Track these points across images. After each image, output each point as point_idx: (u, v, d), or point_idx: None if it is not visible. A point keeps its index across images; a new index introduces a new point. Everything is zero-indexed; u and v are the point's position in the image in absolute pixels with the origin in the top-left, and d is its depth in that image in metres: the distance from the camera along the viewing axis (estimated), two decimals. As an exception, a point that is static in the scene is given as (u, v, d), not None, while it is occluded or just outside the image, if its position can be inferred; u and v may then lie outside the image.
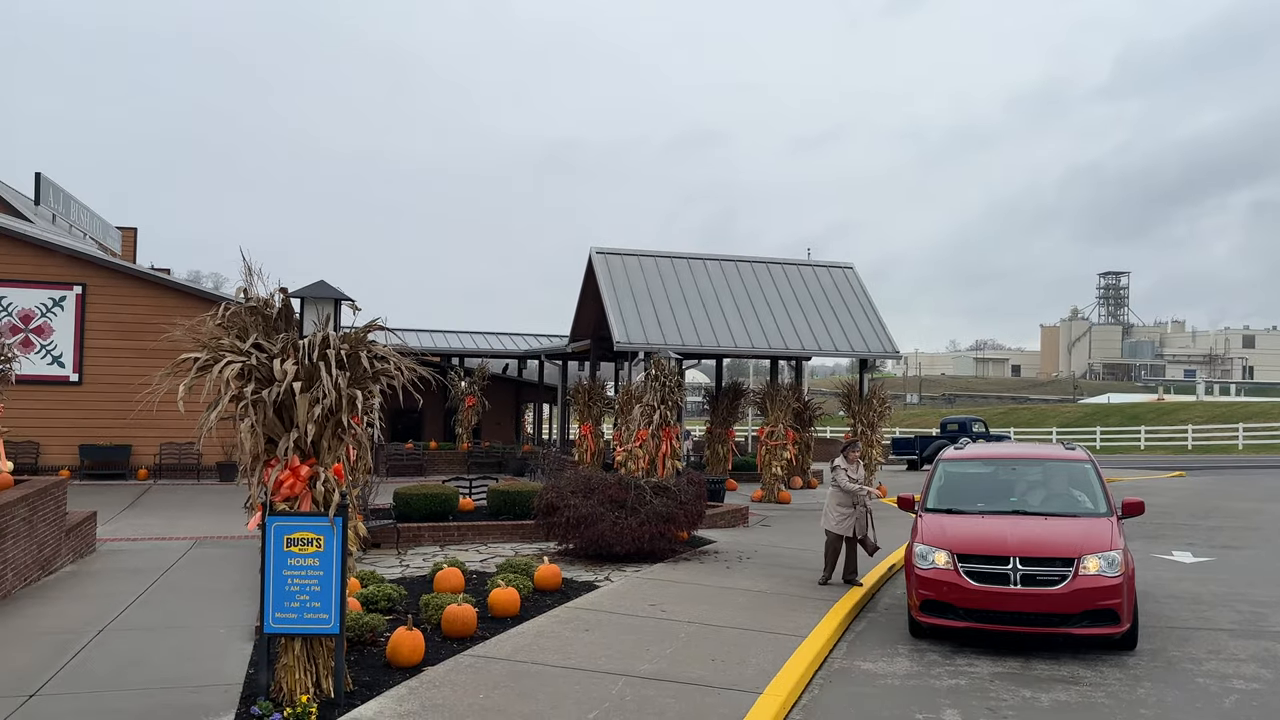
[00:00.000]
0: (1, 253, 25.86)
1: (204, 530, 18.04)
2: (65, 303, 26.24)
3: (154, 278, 28.16)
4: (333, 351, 7.34)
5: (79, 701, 7.50)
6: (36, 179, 35.90)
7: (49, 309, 26.13)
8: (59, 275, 26.22)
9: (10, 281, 25.81)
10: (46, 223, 33.90)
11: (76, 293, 26.32)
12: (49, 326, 26.08)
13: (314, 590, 7.32)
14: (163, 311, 26.74)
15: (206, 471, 26.77)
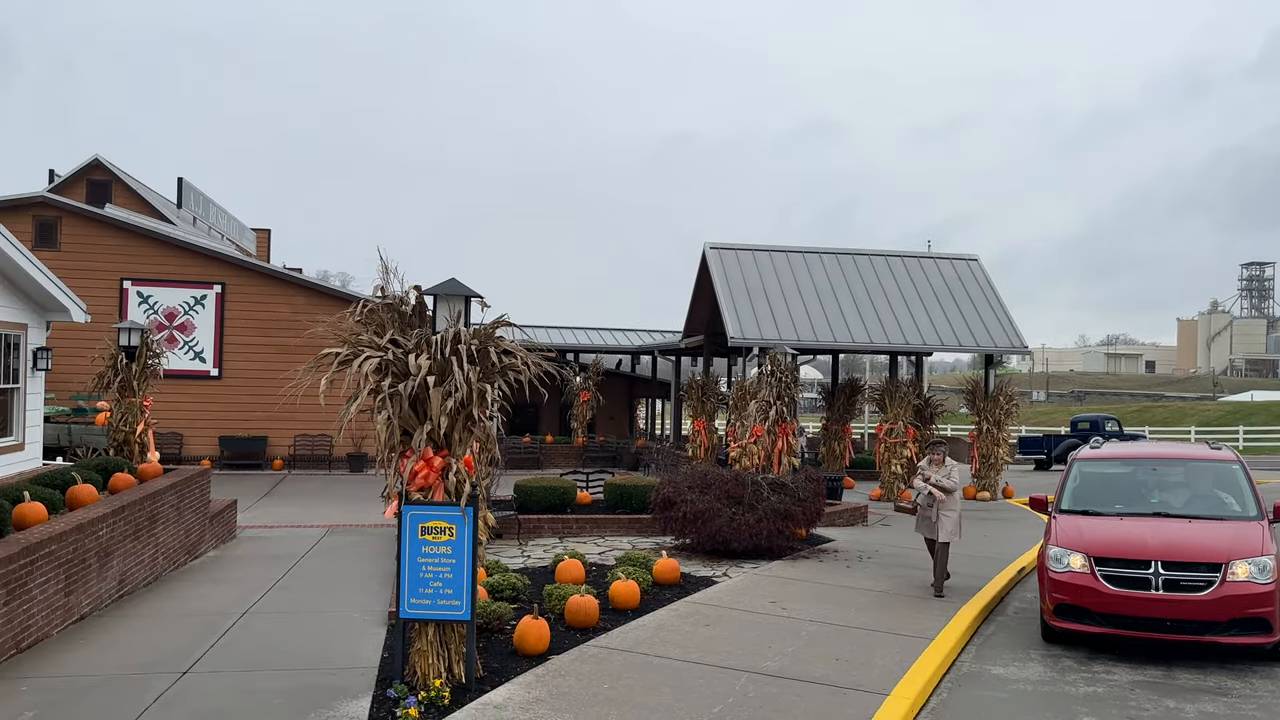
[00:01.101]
0: (148, 254, 27.52)
1: (335, 519, 18.81)
2: (206, 301, 27.73)
3: (288, 277, 29.48)
4: (464, 347, 7.55)
5: (228, 680, 7.93)
6: (179, 183, 38.03)
7: (191, 307, 27.65)
8: (200, 275, 27.73)
9: (156, 281, 27.44)
10: (188, 225, 35.85)
11: (216, 291, 27.78)
12: (191, 324, 27.60)
13: (446, 577, 7.54)
14: (296, 309, 28.01)
15: (337, 462, 27.90)
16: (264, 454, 27.68)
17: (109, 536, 10.70)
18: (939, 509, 11.99)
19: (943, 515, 11.95)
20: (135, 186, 36.73)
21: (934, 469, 12.22)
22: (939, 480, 12.12)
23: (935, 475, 12.13)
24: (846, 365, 40.65)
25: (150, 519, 12.17)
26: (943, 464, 12.28)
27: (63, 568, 9.45)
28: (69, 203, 28.07)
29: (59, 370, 16.75)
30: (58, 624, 9.33)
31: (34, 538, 9.06)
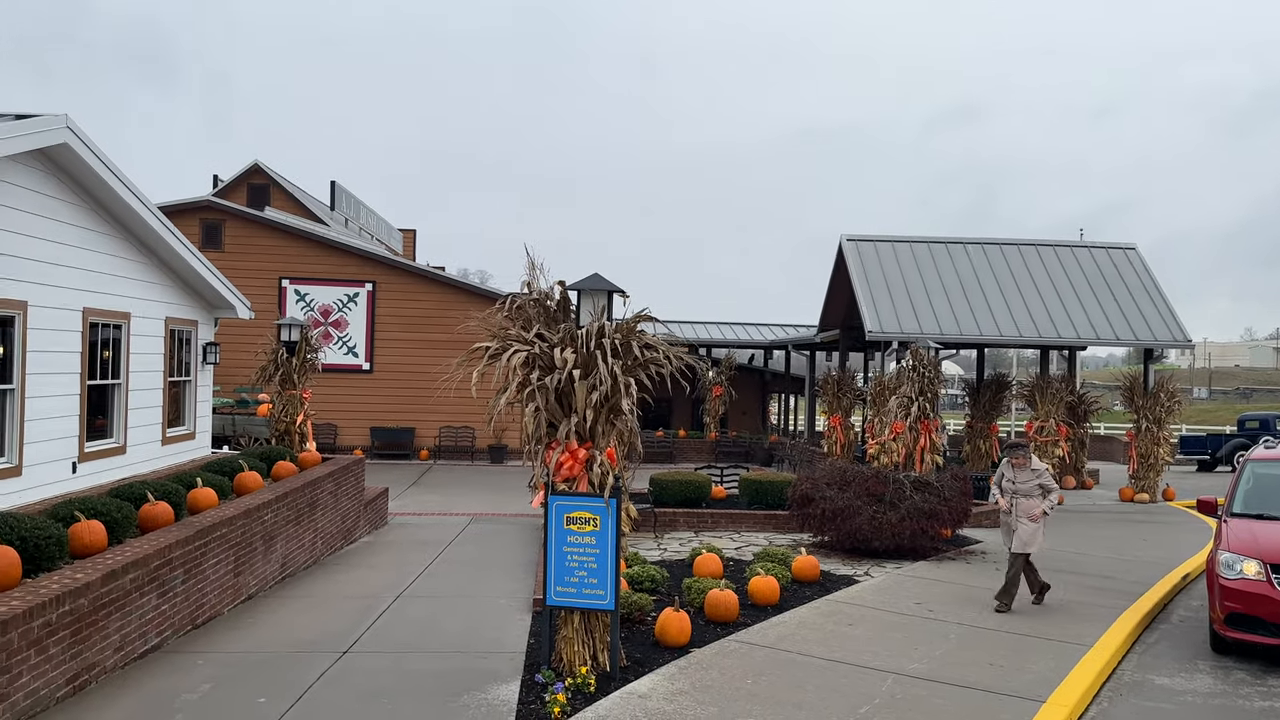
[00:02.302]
0: (305, 254, 29.01)
1: (478, 507, 19.40)
2: (358, 298, 29.02)
3: (432, 275, 30.55)
4: (608, 341, 7.64)
5: (385, 660, 8.28)
6: (332, 187, 39.93)
7: (344, 304, 29.00)
8: (353, 274, 29.04)
9: (312, 280, 28.89)
10: (340, 226, 37.59)
11: (368, 289, 29.04)
12: (345, 320, 28.95)
13: (591, 567, 7.66)
14: (441, 306, 29.02)
15: (479, 453, 28.77)
16: (411, 444, 28.78)
17: (273, 521, 11.34)
18: (1017, 513, 10.83)
19: (1020, 523, 10.79)
20: (291, 190, 38.78)
21: (1017, 472, 10.99)
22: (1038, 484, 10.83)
23: (1019, 480, 10.93)
24: (991, 360, 39.21)
25: (310, 505, 12.84)
26: (1026, 466, 10.98)
27: (232, 550, 10.08)
28: (232, 206, 29.88)
29: (222, 364, 17.84)
30: (228, 603, 9.95)
31: (207, 521, 9.69)
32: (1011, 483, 11.01)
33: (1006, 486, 11.06)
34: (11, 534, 7.51)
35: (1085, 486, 25.85)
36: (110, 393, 12.25)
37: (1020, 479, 10.97)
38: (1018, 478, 10.99)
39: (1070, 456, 24.94)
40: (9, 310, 9.92)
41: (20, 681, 6.36)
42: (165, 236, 12.79)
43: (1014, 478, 11.01)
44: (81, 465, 11.38)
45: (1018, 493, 10.92)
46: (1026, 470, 10.97)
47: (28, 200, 10.20)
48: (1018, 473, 11.01)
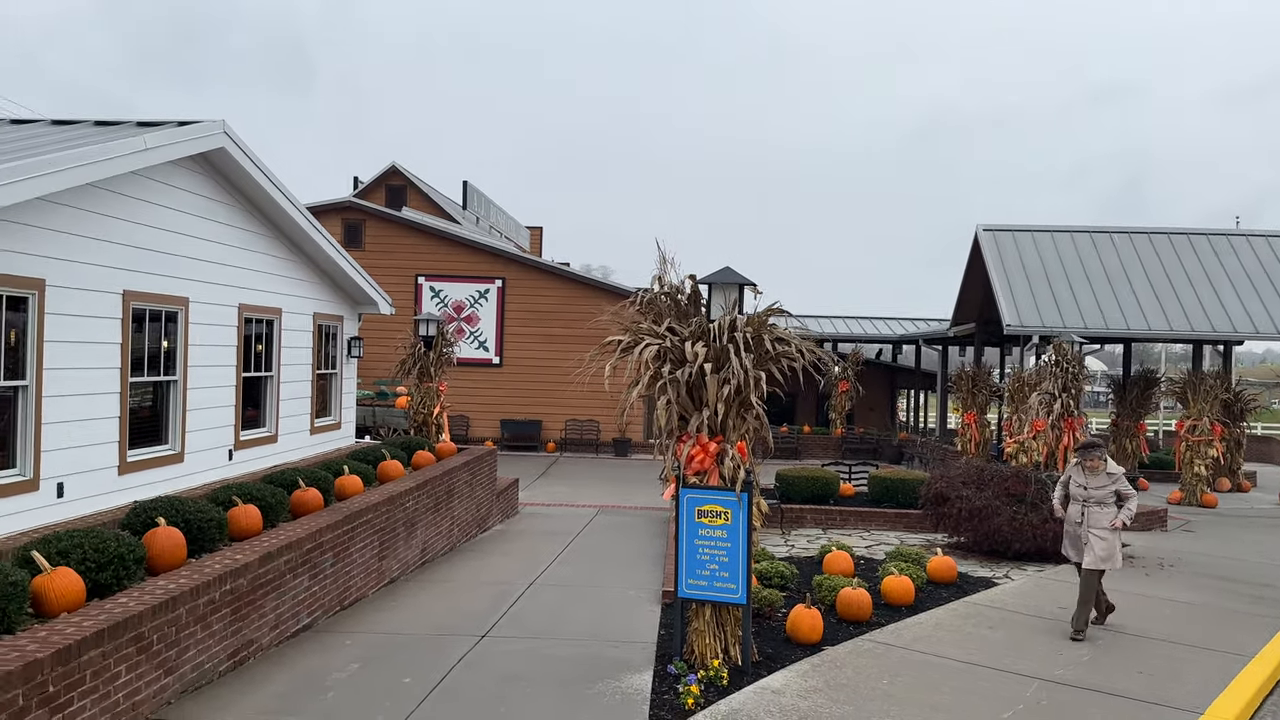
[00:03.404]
0: (440, 253, 29.97)
1: (604, 499, 19.66)
2: (489, 295, 29.80)
3: (559, 271, 31.08)
4: (740, 334, 7.61)
5: (522, 645, 8.49)
6: (464, 186, 41.10)
7: (476, 300, 29.82)
8: (484, 270, 29.84)
9: (446, 276, 29.82)
10: (471, 224, 38.66)
11: (498, 286, 29.78)
12: (476, 316, 29.77)
13: (722, 560, 7.66)
14: (566, 301, 29.52)
15: (604, 446, 29.14)
16: (538, 437, 29.39)
17: (414, 508, 11.77)
18: (1089, 523, 9.44)
19: (1094, 534, 9.39)
20: (426, 190, 40.10)
21: (1089, 476, 9.58)
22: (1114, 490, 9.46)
23: (1092, 485, 9.53)
24: (1137, 355, 37.25)
25: (448, 493, 13.26)
26: (1100, 470, 9.55)
27: (377, 535, 10.50)
28: (372, 206, 31.11)
29: (362, 358, 18.58)
30: (372, 586, 10.38)
31: (354, 507, 10.13)
32: (1083, 488, 9.62)
33: (1076, 492, 9.68)
34: (177, 516, 8.03)
35: (1241, 489, 24.28)
36: (262, 384, 12.95)
37: (1093, 484, 9.56)
38: (1090, 483, 9.59)
39: (1225, 457, 23.47)
40: (173, 306, 10.60)
41: (187, 655, 6.80)
42: (314, 235, 13.41)
43: (1085, 482, 9.63)
44: (237, 453, 12.07)
45: (1090, 500, 9.52)
46: (1101, 474, 9.57)
47: (189, 202, 10.87)
48: (1089, 477, 9.62)
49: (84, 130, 10.29)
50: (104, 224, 9.29)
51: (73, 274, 8.82)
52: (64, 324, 8.71)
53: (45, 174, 7.94)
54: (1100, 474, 9.58)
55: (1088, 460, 9.63)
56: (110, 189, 9.31)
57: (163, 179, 10.24)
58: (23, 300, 8.28)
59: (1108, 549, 9.38)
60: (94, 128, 10.45)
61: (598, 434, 29.37)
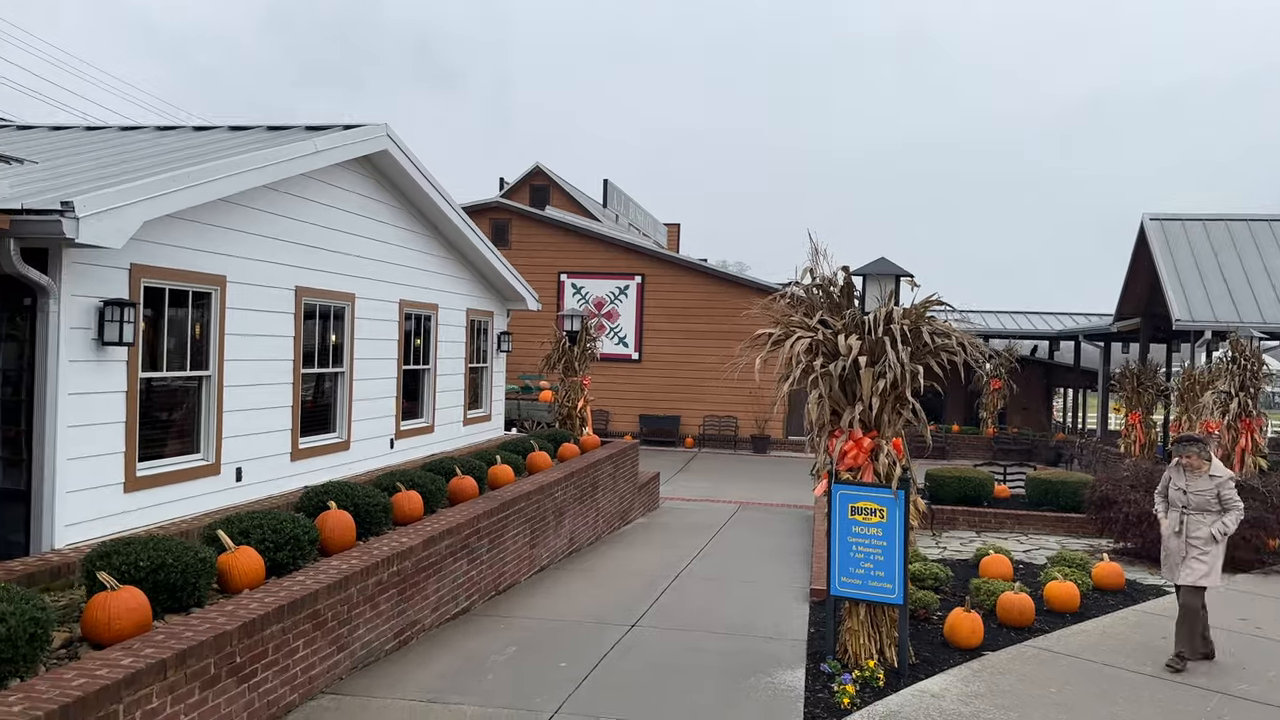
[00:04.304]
0: (581, 250, 30.48)
1: (744, 495, 19.56)
2: (628, 291, 30.10)
3: (698, 266, 31.10)
4: (897, 326, 7.41)
5: (671, 636, 8.52)
6: (604, 185, 41.65)
7: (616, 296, 30.17)
8: (624, 267, 30.16)
9: (587, 274, 30.29)
10: (611, 222, 39.13)
11: (637, 282, 30.05)
12: (616, 312, 30.12)
13: (877, 559, 7.48)
14: (705, 296, 29.52)
15: (742, 443, 29.00)
16: (677, 432, 29.50)
17: (562, 498, 12.00)
18: (1188, 537, 8.09)
19: (1192, 548, 8.04)
20: (568, 189, 40.84)
21: (1190, 477, 8.23)
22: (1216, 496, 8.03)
23: (1192, 489, 8.18)
24: (1322, 353, 34.33)
25: (593, 485, 13.46)
26: (1203, 471, 8.17)
27: (529, 523, 10.76)
28: (517, 206, 31.91)
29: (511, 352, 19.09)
30: (525, 572, 10.63)
31: (508, 495, 10.40)
32: (1182, 492, 8.24)
33: (1175, 497, 8.29)
34: (347, 500, 8.43)
35: None
36: (420, 377, 13.46)
37: (1193, 487, 8.17)
38: (1190, 485, 8.19)
39: None
40: (341, 302, 11.14)
41: (357, 633, 7.13)
42: (468, 234, 13.85)
43: (1185, 485, 8.23)
44: (397, 442, 12.59)
45: (1189, 506, 8.16)
46: (1202, 476, 8.16)
47: (353, 202, 11.40)
48: (1190, 478, 8.21)
49: (258, 135, 10.92)
50: (277, 223, 9.84)
51: (250, 271, 9.38)
52: (242, 318, 9.27)
53: (227, 176, 8.47)
54: (1202, 475, 8.18)
55: (1184, 456, 8.26)
56: (283, 190, 9.85)
57: (330, 180, 10.77)
58: (206, 296, 8.87)
59: (1209, 564, 8.01)
60: (266, 132, 11.08)
61: (736, 430, 29.25)
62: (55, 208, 6.63)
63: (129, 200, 7.17)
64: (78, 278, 7.22)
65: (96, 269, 7.38)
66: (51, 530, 7.11)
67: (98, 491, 7.48)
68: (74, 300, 7.19)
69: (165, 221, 7.92)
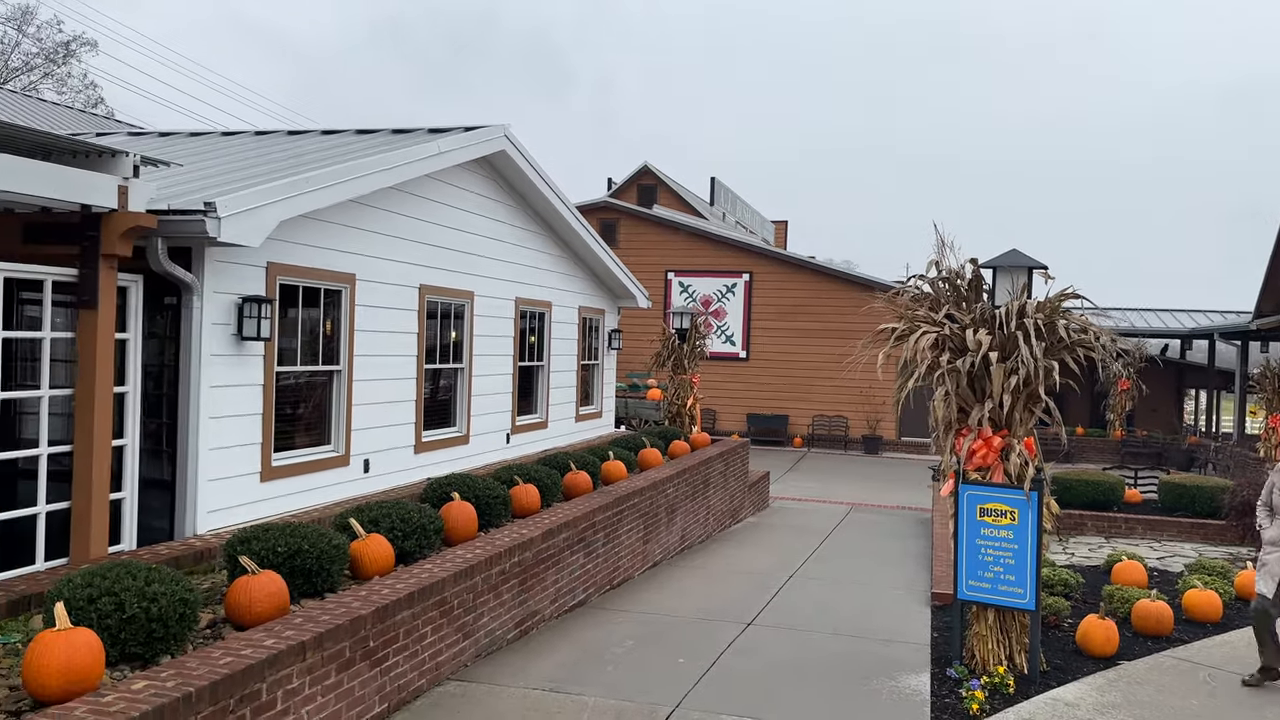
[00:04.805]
0: (688, 248, 30.45)
1: (856, 497, 19.20)
2: (735, 289, 29.93)
3: (808, 264, 30.71)
4: (1030, 320, 7.14)
5: (787, 636, 8.42)
6: (711, 183, 41.56)
7: (723, 295, 30.04)
8: (731, 265, 30.00)
9: (694, 272, 30.24)
10: (718, 220, 39.01)
11: (744, 280, 29.85)
12: (723, 310, 29.99)
13: (1007, 563, 7.22)
14: (814, 294, 29.11)
15: (852, 443, 28.49)
16: (785, 431, 29.18)
17: (674, 495, 11.99)
18: None
19: None
20: (675, 188, 40.90)
21: None
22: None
23: None
24: None
25: (704, 483, 13.42)
26: None
27: (642, 519, 10.79)
28: (625, 205, 32.11)
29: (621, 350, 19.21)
30: (638, 567, 10.67)
31: (621, 490, 10.45)
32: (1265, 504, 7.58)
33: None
34: (469, 492, 8.60)
35: None
36: (534, 373, 13.66)
37: None
38: None
39: None
40: (461, 300, 11.39)
41: (481, 621, 7.26)
42: (581, 232, 13.99)
43: None
44: (513, 437, 12.80)
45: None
46: None
47: (473, 202, 11.64)
48: None
49: (383, 138, 11.26)
50: (402, 223, 10.12)
51: (377, 269, 9.67)
52: (370, 315, 9.57)
53: (357, 177, 8.76)
54: None
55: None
56: (407, 190, 10.12)
57: (450, 180, 11.02)
58: (336, 293, 9.18)
59: None
60: (391, 135, 11.41)
61: (846, 430, 28.75)
62: (199, 208, 6.96)
63: (266, 201, 7.47)
64: (219, 275, 7.56)
65: (236, 267, 7.72)
66: (194, 517, 7.47)
67: (236, 480, 7.83)
68: (215, 297, 7.53)
69: (298, 221, 8.23)
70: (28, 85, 35.61)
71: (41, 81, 36.77)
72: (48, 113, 22.91)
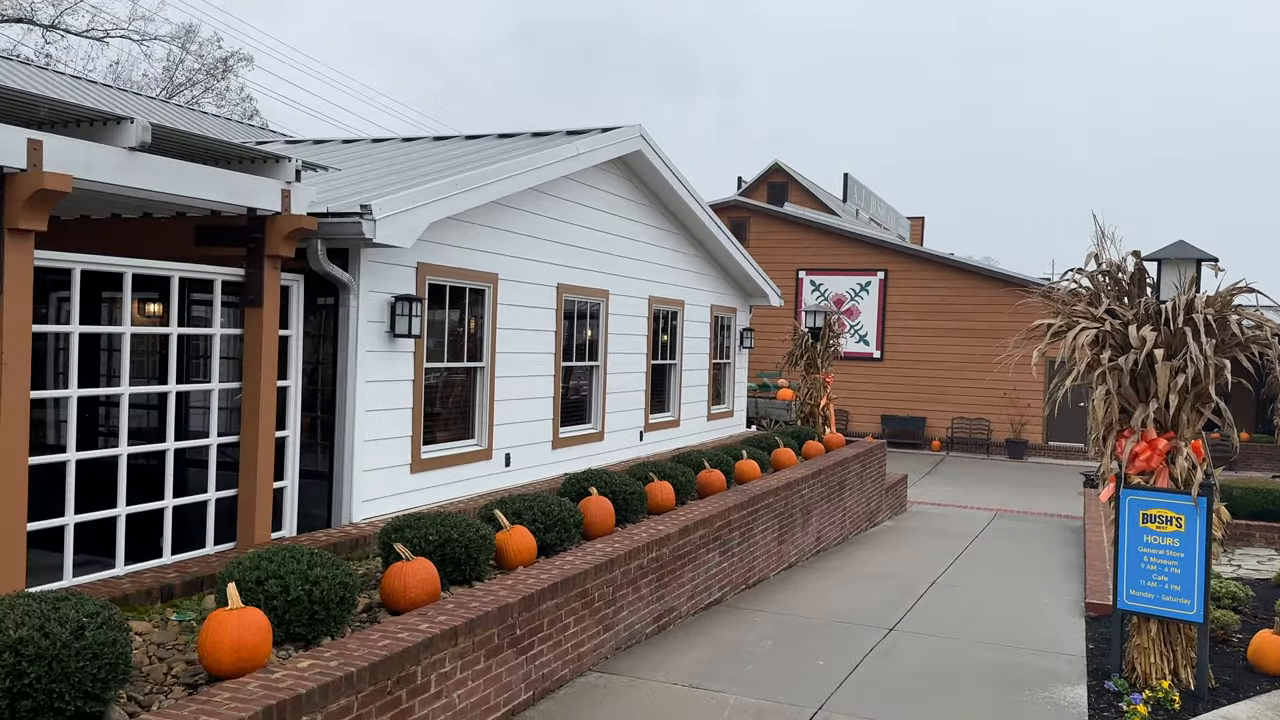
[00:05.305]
0: (819, 246, 30.00)
1: (1000, 502, 18.49)
2: (869, 287, 29.31)
3: (946, 260, 29.79)
4: (1199, 316, 6.71)
5: (932, 643, 8.17)
6: (844, 179, 40.86)
7: (856, 293, 29.46)
8: (864, 263, 29.39)
9: (826, 270, 29.77)
10: (851, 217, 38.30)
11: (879, 278, 29.20)
12: (856, 309, 29.41)
13: (1173, 572, 6.81)
14: (954, 292, 28.19)
15: (994, 447, 27.48)
16: (922, 434, 28.39)
17: (809, 496, 11.82)
18: None
19: None
20: (807, 185, 40.38)
21: None
22: None
23: None
24: None
25: (839, 484, 13.19)
26: None
27: (776, 519, 10.68)
28: (754, 203, 31.90)
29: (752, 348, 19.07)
30: (773, 568, 10.56)
31: (756, 490, 10.37)
32: None
33: None
34: (606, 487, 8.69)
35: None
36: (667, 372, 13.71)
37: None
38: None
39: None
40: (596, 298, 11.54)
41: (621, 614, 7.33)
42: (714, 231, 13.97)
43: None
44: (646, 434, 12.89)
45: None
46: None
47: (608, 201, 11.77)
48: None
49: (524, 141, 11.52)
50: (541, 223, 10.33)
51: (518, 269, 9.90)
52: (511, 314, 9.80)
53: (501, 179, 8.99)
54: None
55: None
56: (546, 191, 10.32)
57: (586, 181, 11.18)
58: (480, 292, 9.44)
59: None
60: (531, 138, 11.66)
61: (988, 433, 27.74)
62: (355, 210, 7.27)
63: (418, 203, 7.75)
64: (373, 275, 7.88)
65: (388, 267, 8.04)
66: (350, 506, 7.82)
67: (388, 471, 8.15)
68: (370, 296, 7.86)
69: (445, 223, 8.50)
70: (191, 100, 38.04)
71: (203, 96, 39.22)
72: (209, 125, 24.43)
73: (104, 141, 5.52)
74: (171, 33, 40.30)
